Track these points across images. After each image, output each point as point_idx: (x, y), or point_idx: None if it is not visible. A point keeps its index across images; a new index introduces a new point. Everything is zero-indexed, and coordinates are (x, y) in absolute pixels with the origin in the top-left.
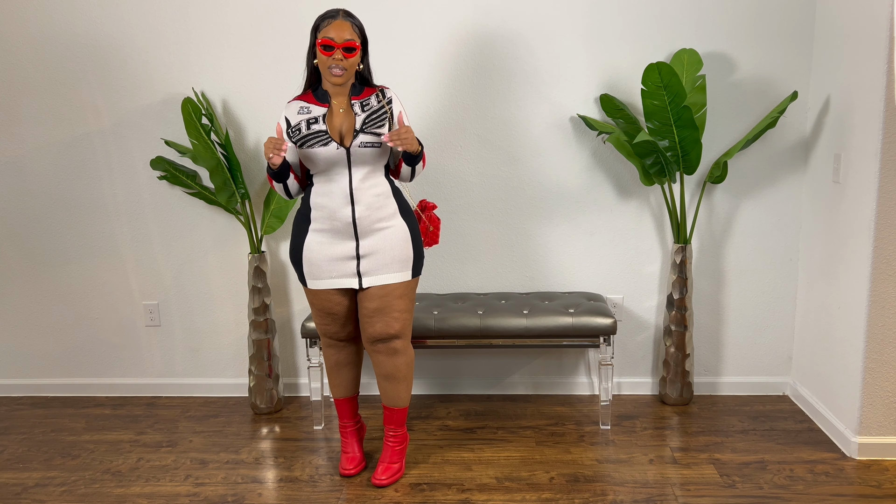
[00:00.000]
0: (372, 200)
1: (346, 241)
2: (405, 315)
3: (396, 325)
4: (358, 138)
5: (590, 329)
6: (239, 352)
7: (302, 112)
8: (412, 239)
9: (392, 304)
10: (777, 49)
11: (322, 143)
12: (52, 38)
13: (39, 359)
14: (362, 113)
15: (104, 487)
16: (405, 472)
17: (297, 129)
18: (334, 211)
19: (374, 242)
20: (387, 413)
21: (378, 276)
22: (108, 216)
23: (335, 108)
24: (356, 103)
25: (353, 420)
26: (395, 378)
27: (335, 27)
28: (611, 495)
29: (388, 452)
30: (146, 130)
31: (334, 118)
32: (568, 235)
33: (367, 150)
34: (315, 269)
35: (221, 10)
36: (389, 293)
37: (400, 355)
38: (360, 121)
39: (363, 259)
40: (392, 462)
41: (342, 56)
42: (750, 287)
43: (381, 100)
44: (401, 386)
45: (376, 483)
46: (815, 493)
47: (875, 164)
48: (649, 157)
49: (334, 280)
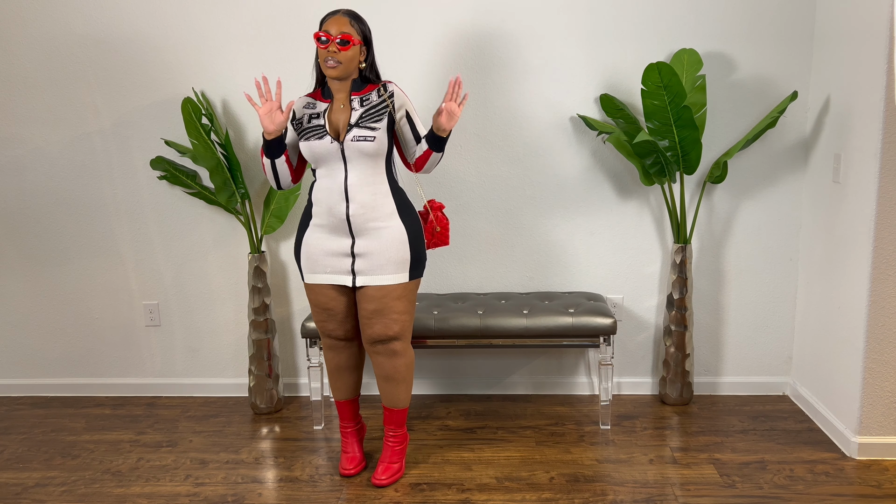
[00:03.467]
0: (367, 199)
1: (342, 238)
2: (404, 317)
3: (395, 326)
4: (351, 132)
5: (590, 329)
6: (239, 352)
7: (307, 107)
8: (410, 241)
9: (390, 305)
10: (777, 49)
11: (317, 137)
12: (52, 37)
13: (39, 359)
14: (360, 108)
15: (104, 487)
16: (405, 473)
17: (299, 122)
18: (331, 207)
19: (369, 243)
20: (386, 413)
21: (372, 277)
22: (108, 216)
23: (336, 104)
24: (356, 99)
25: (354, 421)
26: (395, 379)
27: (333, 22)
28: (611, 495)
29: (388, 452)
30: (146, 130)
31: (334, 114)
32: (568, 235)
33: (361, 143)
34: (311, 262)
35: (222, 10)
36: (387, 294)
37: (399, 357)
38: (357, 115)
39: (358, 258)
40: (392, 462)
41: (336, 49)
42: (750, 287)
43: (381, 94)
44: (400, 387)
45: (376, 483)
46: (815, 493)
47: (875, 164)
48: (649, 157)
49: (329, 276)
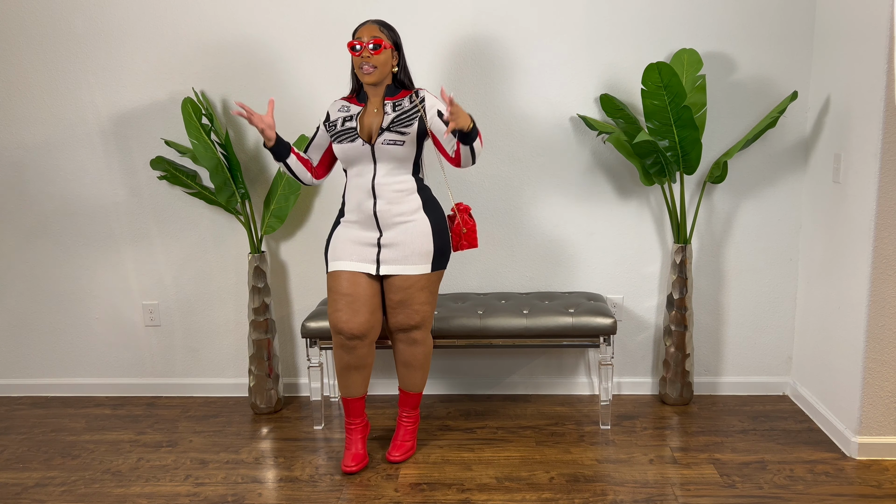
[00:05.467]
0: (393, 196)
1: (370, 231)
2: (425, 307)
3: (417, 316)
4: (382, 136)
5: (590, 329)
6: (239, 352)
7: (342, 110)
8: (434, 234)
9: (414, 296)
10: (777, 49)
11: (350, 139)
12: (52, 37)
13: (39, 359)
14: (392, 112)
15: (104, 487)
16: (406, 467)
17: (333, 125)
18: (360, 202)
19: (395, 235)
20: (402, 396)
21: (396, 267)
22: (108, 216)
23: (370, 108)
24: (389, 103)
25: (360, 419)
26: (413, 366)
27: (364, 30)
28: (611, 495)
29: (402, 431)
30: (146, 130)
31: (367, 117)
32: (568, 235)
33: (391, 147)
34: (338, 251)
35: (222, 9)
36: (412, 286)
37: (419, 345)
38: (389, 120)
39: (384, 248)
40: (405, 440)
41: (369, 54)
42: (750, 287)
43: (413, 101)
44: (418, 373)
45: (391, 459)
46: (815, 493)
47: (875, 164)
48: (649, 157)
49: (354, 263)
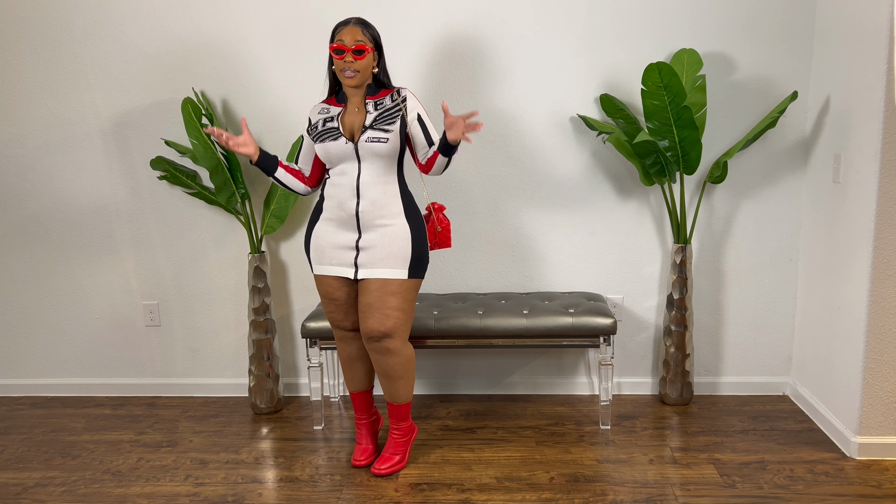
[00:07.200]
0: (377, 196)
1: (349, 232)
2: (398, 313)
3: (389, 322)
4: (365, 134)
5: (590, 329)
6: (239, 352)
7: (322, 112)
8: (413, 240)
9: (386, 300)
10: (777, 49)
11: (332, 138)
12: (52, 37)
13: (39, 359)
14: (374, 111)
15: (104, 487)
16: (406, 467)
17: (314, 127)
18: (342, 202)
19: (373, 237)
20: (388, 407)
21: (372, 270)
22: (108, 216)
23: (350, 108)
24: (370, 102)
25: (368, 413)
26: (391, 376)
27: (346, 32)
28: (611, 495)
29: (390, 443)
30: (146, 130)
31: (348, 116)
32: (568, 235)
33: (374, 144)
34: (319, 254)
35: (222, 9)
36: (383, 287)
37: (393, 355)
38: (371, 118)
39: (362, 252)
40: (393, 453)
41: (352, 59)
42: (750, 287)
43: (395, 99)
44: (397, 384)
45: (374, 472)
46: (815, 493)
47: (875, 164)
48: (649, 157)
49: (334, 267)
